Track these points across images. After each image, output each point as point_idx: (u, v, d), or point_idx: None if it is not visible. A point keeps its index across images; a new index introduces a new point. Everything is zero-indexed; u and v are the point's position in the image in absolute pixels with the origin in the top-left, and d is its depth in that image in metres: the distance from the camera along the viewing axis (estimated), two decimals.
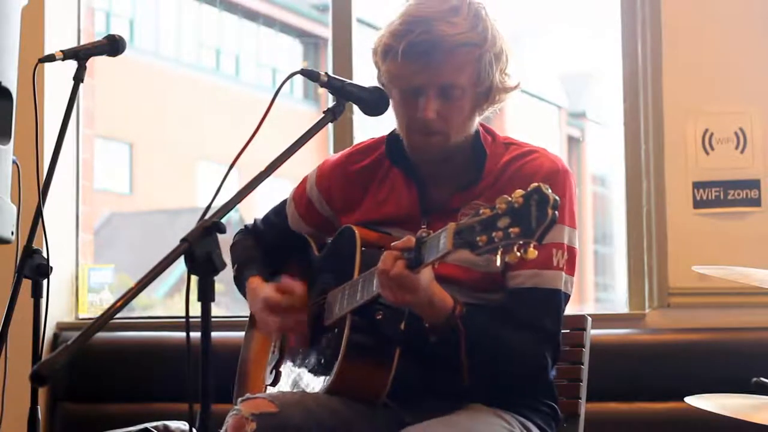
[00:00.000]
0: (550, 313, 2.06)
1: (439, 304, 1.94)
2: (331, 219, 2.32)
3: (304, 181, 2.37)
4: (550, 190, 1.61)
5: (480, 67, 2.08)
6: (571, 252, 2.08)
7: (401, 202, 2.18)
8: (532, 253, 1.60)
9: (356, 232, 2.12)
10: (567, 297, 2.10)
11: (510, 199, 1.63)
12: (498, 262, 1.63)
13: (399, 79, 2.09)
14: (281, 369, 2.31)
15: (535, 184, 1.62)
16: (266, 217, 2.48)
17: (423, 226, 2.08)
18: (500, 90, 2.12)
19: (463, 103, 2.08)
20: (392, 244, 1.89)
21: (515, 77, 2.14)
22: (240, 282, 2.36)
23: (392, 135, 2.22)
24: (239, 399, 2.05)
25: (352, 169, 2.27)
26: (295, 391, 2.18)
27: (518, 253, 1.60)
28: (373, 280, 1.94)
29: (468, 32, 2.05)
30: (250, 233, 2.47)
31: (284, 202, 2.43)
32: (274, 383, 2.30)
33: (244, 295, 2.35)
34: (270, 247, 2.42)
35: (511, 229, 1.61)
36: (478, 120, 2.16)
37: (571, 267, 2.09)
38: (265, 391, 2.30)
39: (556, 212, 1.59)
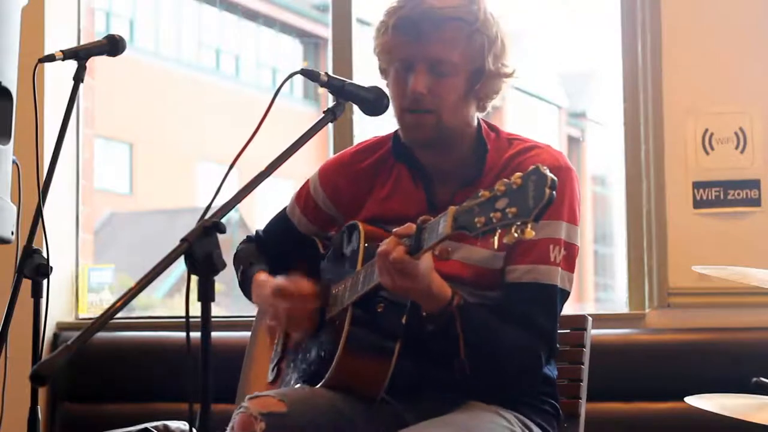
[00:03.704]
0: (546, 309, 2.05)
1: (438, 292, 1.93)
2: (336, 217, 2.32)
3: (306, 183, 2.37)
4: (548, 170, 1.61)
5: (471, 46, 2.08)
6: (570, 248, 2.07)
7: (408, 200, 2.18)
8: (530, 233, 1.60)
9: (361, 227, 2.13)
10: (565, 294, 2.08)
11: (509, 180, 1.65)
12: (496, 244, 1.64)
13: (390, 51, 2.12)
14: (283, 365, 2.31)
15: (534, 165, 1.63)
16: (267, 227, 2.47)
17: None
18: (493, 75, 2.11)
19: (454, 82, 2.08)
20: (394, 230, 1.89)
21: (511, 68, 2.14)
22: (245, 282, 2.36)
23: (398, 132, 2.22)
24: (247, 396, 2.03)
25: (360, 167, 2.27)
26: (302, 387, 2.17)
27: (516, 234, 1.61)
28: (374, 270, 1.94)
29: (459, 8, 2.07)
30: (252, 242, 2.47)
31: (284, 210, 2.42)
32: (275, 380, 2.30)
33: (250, 297, 2.34)
34: (275, 252, 2.42)
35: (508, 209, 1.62)
36: (474, 108, 2.15)
37: (569, 263, 2.07)
38: (266, 387, 2.30)
39: (554, 192, 1.59)
